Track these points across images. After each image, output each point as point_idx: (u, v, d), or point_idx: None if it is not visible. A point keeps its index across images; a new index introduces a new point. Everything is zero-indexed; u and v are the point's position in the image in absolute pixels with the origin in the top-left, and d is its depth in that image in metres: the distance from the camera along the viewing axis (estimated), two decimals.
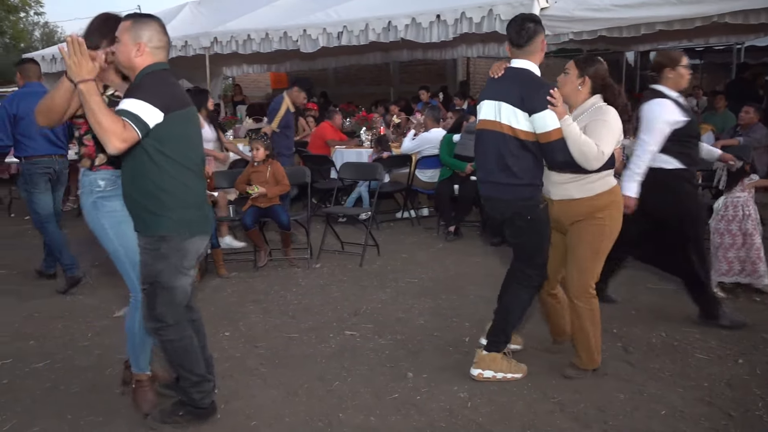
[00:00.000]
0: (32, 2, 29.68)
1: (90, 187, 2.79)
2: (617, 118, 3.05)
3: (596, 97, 3.14)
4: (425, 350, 3.63)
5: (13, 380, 3.34)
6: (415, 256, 5.70)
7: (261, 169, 5.32)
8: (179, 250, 2.65)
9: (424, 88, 11.22)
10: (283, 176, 5.34)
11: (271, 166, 5.32)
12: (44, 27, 39.43)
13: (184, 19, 11.22)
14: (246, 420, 2.89)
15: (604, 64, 3.18)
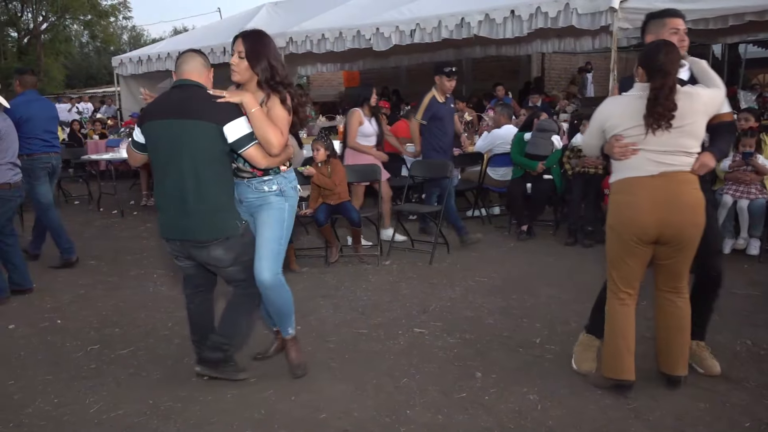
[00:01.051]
0: (121, 7, 31.25)
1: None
2: None
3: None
4: (494, 350, 3.59)
5: (99, 365, 3.54)
6: (485, 254, 5.64)
7: (323, 170, 5.40)
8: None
9: (499, 85, 11.04)
10: (342, 177, 5.36)
11: (331, 166, 5.38)
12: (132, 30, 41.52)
13: (261, 20, 11.51)
14: (315, 413, 2.95)
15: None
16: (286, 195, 3.17)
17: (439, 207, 5.86)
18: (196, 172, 2.95)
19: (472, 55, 13.64)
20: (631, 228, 2.92)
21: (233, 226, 3.07)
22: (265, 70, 3.04)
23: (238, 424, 2.86)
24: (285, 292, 3.23)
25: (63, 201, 9.09)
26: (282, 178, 3.16)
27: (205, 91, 3.04)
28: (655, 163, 2.87)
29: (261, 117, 2.96)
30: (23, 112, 5.34)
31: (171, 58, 11.83)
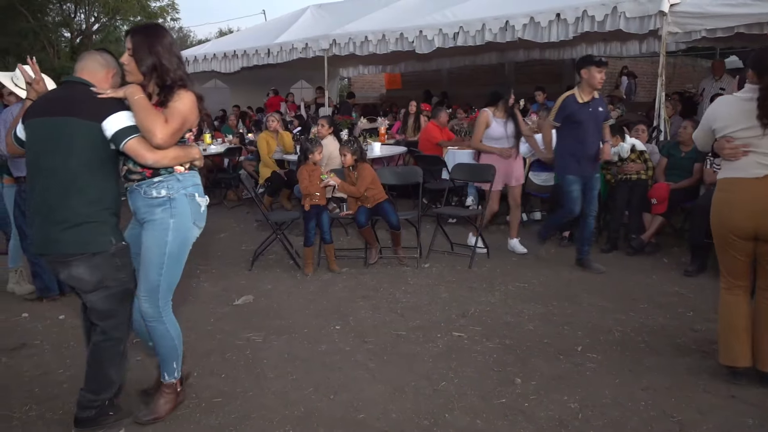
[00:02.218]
0: (170, 9, 31.97)
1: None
2: None
3: None
4: (534, 357, 3.55)
5: (144, 359, 3.61)
6: (525, 260, 5.58)
7: (351, 175, 5.43)
8: None
9: (540, 89, 10.93)
10: (365, 181, 5.31)
11: (358, 171, 5.39)
12: (179, 32, 42.41)
13: (305, 22, 11.66)
14: (354, 412, 2.97)
15: None
16: (175, 207, 2.73)
17: (480, 210, 5.82)
18: (66, 176, 2.61)
19: (515, 59, 13.54)
20: (726, 226, 3.03)
21: (102, 242, 2.67)
22: (152, 69, 2.67)
23: (278, 420, 2.90)
24: (169, 331, 2.83)
25: None
26: (175, 181, 2.74)
27: (88, 88, 2.70)
28: (762, 165, 2.90)
29: (143, 105, 2.59)
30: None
31: (216, 59, 12.08)
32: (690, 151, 5.73)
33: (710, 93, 8.76)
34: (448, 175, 6.70)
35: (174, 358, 2.91)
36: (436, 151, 7.77)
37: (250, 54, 11.31)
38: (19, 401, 3.11)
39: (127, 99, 2.63)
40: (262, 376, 3.35)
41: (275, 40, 11.03)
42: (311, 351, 3.68)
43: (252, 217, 7.46)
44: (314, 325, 4.08)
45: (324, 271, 5.29)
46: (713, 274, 4.55)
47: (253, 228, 7.04)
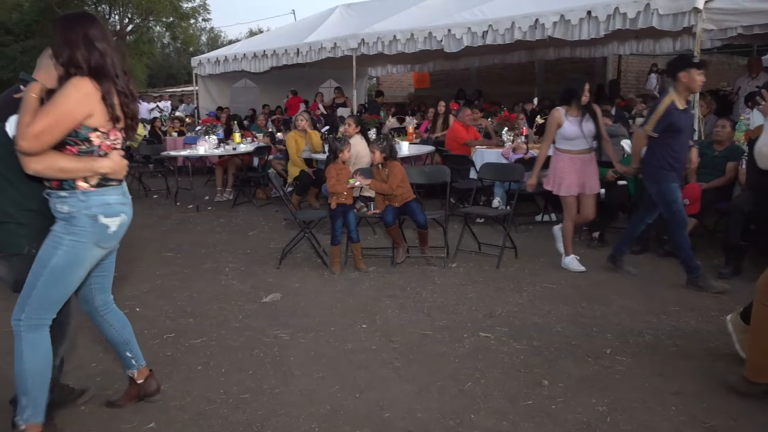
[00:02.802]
0: (201, 10, 32.40)
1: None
2: None
3: None
4: (562, 359, 3.51)
5: (174, 353, 3.68)
6: (554, 260, 5.52)
7: (380, 172, 5.43)
8: None
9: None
10: (395, 178, 5.32)
11: (389, 168, 5.39)
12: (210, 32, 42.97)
13: (334, 22, 11.71)
14: (379, 411, 2.97)
15: None
16: (74, 225, 2.49)
17: (508, 210, 5.78)
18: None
19: (545, 57, 13.42)
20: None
21: (17, 244, 2.58)
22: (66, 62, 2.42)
23: (304, 417, 2.92)
24: (22, 352, 2.49)
25: (143, 194, 9.52)
26: (76, 199, 2.48)
27: (19, 86, 2.51)
28: None
29: (26, 104, 2.34)
30: None
31: (246, 58, 12.21)
32: (723, 150, 5.61)
33: (746, 91, 8.56)
34: (476, 175, 6.67)
35: (23, 391, 2.51)
36: (463, 150, 7.74)
37: (279, 54, 11.41)
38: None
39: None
40: (288, 374, 3.38)
41: (304, 39, 11.10)
42: (337, 349, 3.70)
43: (280, 215, 7.53)
44: (341, 324, 4.10)
45: (351, 270, 5.31)
46: (748, 277, 4.45)
47: (281, 226, 7.10)
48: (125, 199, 2.65)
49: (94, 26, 2.48)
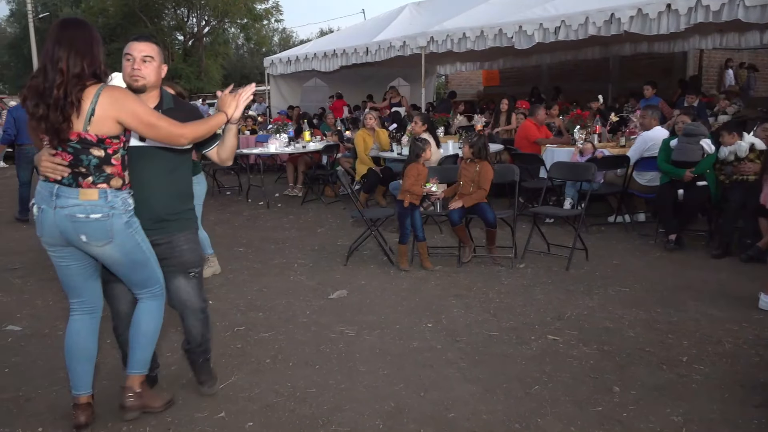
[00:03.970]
0: (274, 11, 33.16)
1: (124, 206, 2.63)
2: None
3: None
4: (635, 365, 3.39)
5: (244, 346, 3.79)
6: (627, 263, 5.34)
7: (470, 167, 5.37)
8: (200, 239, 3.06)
9: (650, 84, 10.23)
10: (486, 180, 5.30)
11: (479, 166, 5.34)
12: (282, 32, 43.92)
13: (403, 20, 11.73)
14: (444, 411, 2.96)
15: None
16: None
17: (579, 211, 5.62)
18: None
19: (621, 53, 13.00)
20: None
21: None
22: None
23: (368, 414, 2.94)
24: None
25: (216, 191, 9.84)
26: None
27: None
28: None
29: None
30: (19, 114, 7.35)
31: (317, 58, 12.41)
32: None
33: None
34: (546, 174, 6.53)
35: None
36: (533, 149, 7.59)
37: (348, 53, 11.53)
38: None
39: None
40: (354, 370, 3.41)
41: (373, 38, 11.18)
42: (403, 347, 3.71)
43: (348, 213, 7.61)
44: (406, 322, 4.11)
45: (417, 269, 5.30)
46: None
47: (348, 224, 7.18)
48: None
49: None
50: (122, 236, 2.63)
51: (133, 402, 2.87)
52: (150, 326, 2.88)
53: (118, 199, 2.60)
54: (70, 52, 2.49)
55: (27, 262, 5.89)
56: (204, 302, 3.07)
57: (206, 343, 3.13)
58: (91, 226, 2.56)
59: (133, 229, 2.69)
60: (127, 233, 2.65)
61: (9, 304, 4.70)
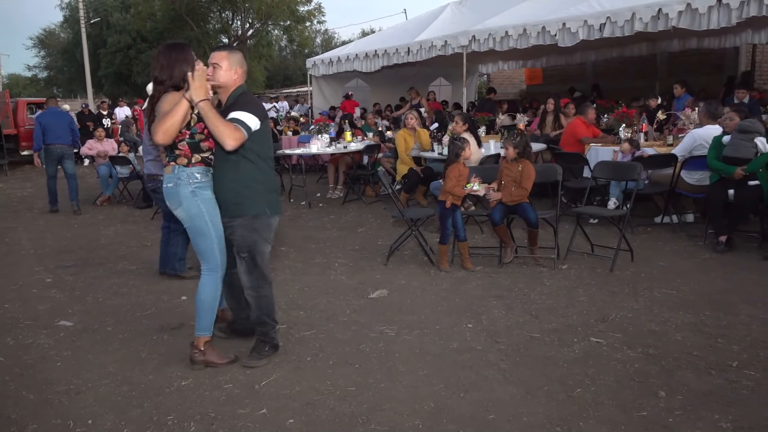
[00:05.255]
0: (317, 12, 33.43)
1: (188, 179, 3.30)
2: None
3: None
4: (682, 369, 3.30)
5: (286, 344, 3.83)
6: (674, 265, 5.20)
7: (512, 167, 5.31)
8: (268, 225, 3.42)
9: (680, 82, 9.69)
10: (528, 179, 5.24)
11: (522, 165, 5.28)
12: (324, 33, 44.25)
13: (445, 19, 11.69)
14: (484, 412, 2.94)
15: None
16: None
17: (624, 211, 5.50)
18: None
19: (669, 49, 12.66)
20: None
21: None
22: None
23: (408, 413, 2.94)
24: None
25: None
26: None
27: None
28: None
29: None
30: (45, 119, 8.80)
31: (358, 58, 12.46)
32: None
33: None
34: (590, 173, 6.41)
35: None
36: (578, 148, 7.46)
37: (390, 53, 11.54)
38: (177, 374, 3.43)
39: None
40: (393, 369, 3.42)
41: (415, 38, 11.16)
42: (442, 348, 3.70)
43: (389, 212, 7.62)
44: (446, 322, 4.09)
45: (457, 269, 5.28)
46: None
47: (389, 223, 7.19)
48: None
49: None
50: (187, 202, 3.30)
51: (197, 357, 3.48)
52: (204, 297, 3.42)
53: (183, 173, 3.30)
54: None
55: (78, 260, 6.10)
56: (255, 283, 3.47)
57: (261, 323, 3.55)
58: (167, 192, 3.36)
59: (199, 198, 3.31)
60: (192, 200, 3.30)
61: (61, 300, 4.87)
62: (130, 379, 3.40)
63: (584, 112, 7.77)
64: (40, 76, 40.90)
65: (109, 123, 16.49)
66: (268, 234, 3.46)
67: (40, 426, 2.95)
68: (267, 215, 3.42)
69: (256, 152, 3.35)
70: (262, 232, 3.41)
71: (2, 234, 7.59)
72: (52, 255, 6.37)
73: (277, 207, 3.47)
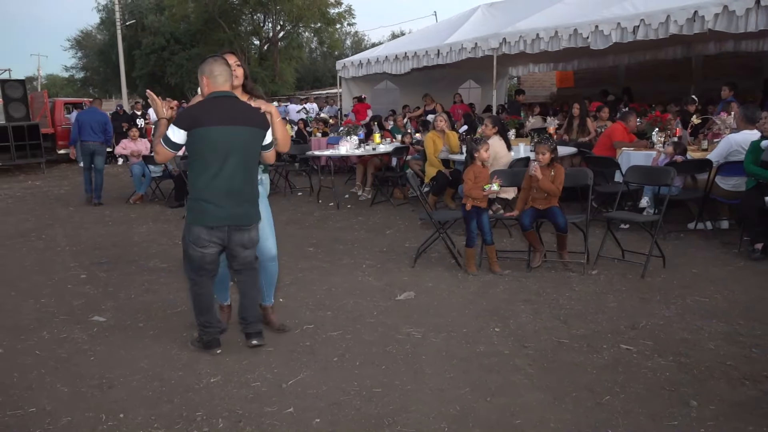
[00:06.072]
0: (347, 15, 33.61)
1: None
2: None
3: None
4: (714, 379, 3.23)
5: (313, 344, 3.86)
6: (707, 272, 5.10)
7: (545, 172, 5.27)
8: (189, 229, 3.57)
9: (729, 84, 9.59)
10: (560, 180, 5.20)
11: (554, 170, 5.24)
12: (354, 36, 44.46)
13: (475, 21, 11.64)
14: (510, 417, 2.92)
15: None
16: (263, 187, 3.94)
17: (656, 216, 5.41)
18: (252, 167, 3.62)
19: (704, 52, 12.42)
20: None
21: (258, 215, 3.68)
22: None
23: (434, 416, 2.94)
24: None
25: (288, 192, 10.08)
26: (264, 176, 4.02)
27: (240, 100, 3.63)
28: None
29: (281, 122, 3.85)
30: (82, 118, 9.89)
31: (388, 61, 12.48)
32: None
33: None
34: (621, 178, 6.32)
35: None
36: (611, 152, 7.35)
37: (420, 55, 11.54)
38: (206, 371, 3.48)
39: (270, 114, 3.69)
40: (419, 372, 3.42)
41: (445, 40, 11.14)
42: (469, 351, 3.68)
43: (416, 215, 7.62)
44: (473, 326, 4.08)
45: (485, 272, 5.25)
46: None
47: (417, 226, 7.19)
48: None
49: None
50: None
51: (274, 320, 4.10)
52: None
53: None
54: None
55: (111, 256, 6.23)
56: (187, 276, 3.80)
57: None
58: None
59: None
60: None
61: (95, 296, 4.98)
62: (161, 375, 3.46)
63: (627, 118, 7.64)
64: (76, 76, 41.89)
65: (143, 123, 16.79)
66: (189, 237, 3.56)
67: (74, 418, 3.02)
68: (187, 221, 3.59)
69: (191, 159, 3.54)
70: (184, 233, 3.63)
71: (39, 230, 7.78)
72: (87, 251, 6.52)
73: (193, 216, 3.53)
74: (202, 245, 3.53)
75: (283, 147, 3.83)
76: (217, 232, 3.52)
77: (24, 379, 3.47)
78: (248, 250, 3.67)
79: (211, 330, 3.72)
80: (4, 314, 4.59)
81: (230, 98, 3.53)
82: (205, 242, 3.52)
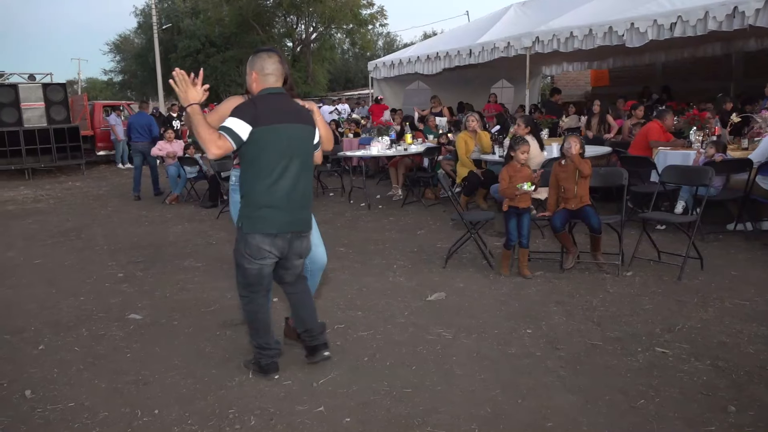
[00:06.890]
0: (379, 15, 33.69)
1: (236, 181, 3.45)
2: None
3: None
4: (754, 384, 3.15)
5: (344, 343, 3.88)
6: (747, 275, 4.96)
7: (568, 168, 5.20)
8: (244, 239, 3.18)
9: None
10: (587, 169, 5.14)
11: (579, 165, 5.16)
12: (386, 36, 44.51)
13: (508, 21, 11.56)
14: (542, 420, 2.89)
15: None
16: None
17: (694, 217, 5.29)
18: (310, 170, 3.36)
19: (745, 49, 12.11)
20: None
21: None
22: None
23: (464, 417, 2.93)
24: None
25: (320, 192, 10.14)
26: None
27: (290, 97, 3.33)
28: None
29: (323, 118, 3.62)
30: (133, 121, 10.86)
31: (420, 61, 12.47)
32: None
33: None
34: (657, 178, 6.20)
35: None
36: (647, 151, 7.21)
37: (452, 55, 11.49)
38: (239, 369, 3.52)
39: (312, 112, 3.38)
40: (450, 373, 3.41)
41: (477, 40, 11.07)
42: (500, 352, 3.66)
43: (448, 215, 7.59)
44: (505, 327, 4.05)
45: (516, 274, 5.20)
46: None
47: (448, 226, 7.17)
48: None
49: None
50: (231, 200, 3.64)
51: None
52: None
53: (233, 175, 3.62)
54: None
55: (147, 256, 6.36)
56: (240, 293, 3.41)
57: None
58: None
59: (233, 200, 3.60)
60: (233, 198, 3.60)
61: (132, 295, 5.09)
62: (195, 373, 3.52)
63: (663, 117, 7.48)
64: (115, 80, 42.84)
65: (179, 125, 17.09)
66: (245, 249, 3.19)
67: (111, 413, 3.09)
68: (242, 231, 3.19)
69: (248, 161, 3.14)
70: (239, 245, 3.23)
71: (79, 230, 7.99)
72: (124, 251, 6.67)
73: (252, 225, 3.15)
74: (261, 257, 3.19)
75: (327, 146, 3.52)
76: (278, 240, 3.18)
77: (64, 374, 3.57)
78: (301, 259, 3.40)
79: (269, 352, 3.41)
80: (45, 311, 4.73)
81: (283, 95, 3.24)
82: (266, 253, 3.18)
